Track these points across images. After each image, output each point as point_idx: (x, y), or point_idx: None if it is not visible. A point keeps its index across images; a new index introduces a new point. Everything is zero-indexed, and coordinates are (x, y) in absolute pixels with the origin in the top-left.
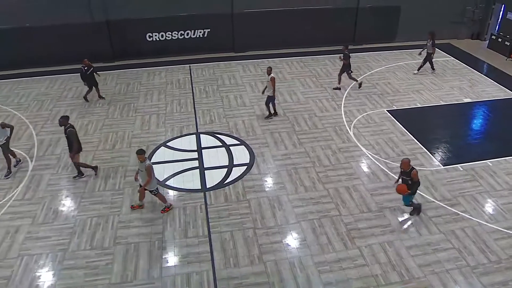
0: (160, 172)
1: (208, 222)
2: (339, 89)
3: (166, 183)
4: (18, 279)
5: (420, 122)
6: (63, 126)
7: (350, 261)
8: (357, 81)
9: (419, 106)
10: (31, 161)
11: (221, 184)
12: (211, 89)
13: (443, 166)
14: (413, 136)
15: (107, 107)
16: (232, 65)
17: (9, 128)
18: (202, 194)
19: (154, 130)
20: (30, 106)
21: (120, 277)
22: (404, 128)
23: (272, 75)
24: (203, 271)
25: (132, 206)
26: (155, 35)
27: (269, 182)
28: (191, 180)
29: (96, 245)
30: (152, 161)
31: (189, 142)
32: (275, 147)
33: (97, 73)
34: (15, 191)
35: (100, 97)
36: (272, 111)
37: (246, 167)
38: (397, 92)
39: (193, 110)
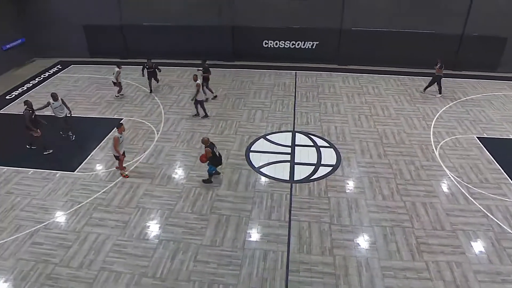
0: (257, 160)
1: (290, 210)
2: (216, 96)
3: (261, 170)
4: (133, 225)
5: (511, 154)
6: None
7: (415, 272)
8: (213, 93)
9: None
10: (157, 133)
11: (307, 179)
12: (311, 95)
13: None
14: (500, 166)
15: (222, 98)
16: (333, 76)
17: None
18: (289, 185)
19: (257, 124)
20: (163, 89)
21: (210, 241)
22: (492, 156)
23: (198, 81)
24: (279, 251)
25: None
26: (271, 43)
27: (350, 185)
28: (282, 171)
29: (196, 210)
30: (251, 150)
31: (285, 138)
32: (361, 154)
33: (158, 69)
34: (142, 155)
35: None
36: (203, 113)
37: (332, 168)
38: (491, 120)
39: (293, 111)
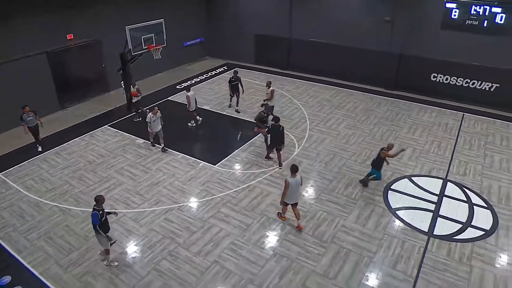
0: (395, 200)
1: (420, 266)
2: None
3: (397, 212)
4: (253, 230)
5: None
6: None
7: None
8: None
9: None
10: (298, 148)
11: (449, 237)
12: (477, 143)
13: None
14: None
15: (372, 127)
16: (511, 126)
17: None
18: (426, 237)
19: (405, 161)
20: (314, 106)
21: (323, 271)
22: None
23: (271, 88)
24: None
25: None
26: (440, 77)
27: (503, 259)
28: (421, 221)
29: (317, 235)
30: (391, 188)
31: (434, 185)
32: None
33: (241, 85)
34: (278, 166)
35: (236, 106)
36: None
37: (483, 233)
38: None
39: (449, 156)
